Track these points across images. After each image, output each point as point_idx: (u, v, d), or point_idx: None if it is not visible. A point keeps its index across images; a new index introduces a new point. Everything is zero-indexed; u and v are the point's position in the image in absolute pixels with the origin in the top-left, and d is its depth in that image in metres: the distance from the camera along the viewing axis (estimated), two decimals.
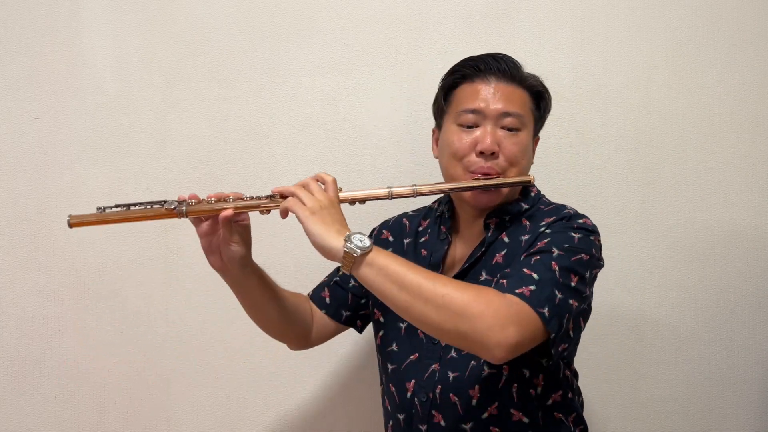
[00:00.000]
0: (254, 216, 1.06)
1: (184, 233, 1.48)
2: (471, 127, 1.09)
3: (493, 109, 1.08)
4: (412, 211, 1.29)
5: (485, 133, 1.07)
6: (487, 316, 0.90)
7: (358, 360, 1.51)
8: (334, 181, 1.02)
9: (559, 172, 1.47)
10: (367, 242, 0.93)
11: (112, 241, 1.48)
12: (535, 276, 0.97)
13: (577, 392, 1.17)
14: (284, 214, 1.01)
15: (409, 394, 1.12)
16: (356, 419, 1.52)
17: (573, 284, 0.99)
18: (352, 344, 1.49)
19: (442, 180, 1.15)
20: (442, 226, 1.18)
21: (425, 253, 1.18)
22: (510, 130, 1.09)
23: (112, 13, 1.46)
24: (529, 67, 1.13)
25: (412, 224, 1.24)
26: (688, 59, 1.48)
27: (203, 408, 1.51)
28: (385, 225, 1.29)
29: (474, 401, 1.06)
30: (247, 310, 1.15)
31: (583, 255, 1.02)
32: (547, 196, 1.18)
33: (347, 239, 0.93)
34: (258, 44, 1.48)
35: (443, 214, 1.19)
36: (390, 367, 1.16)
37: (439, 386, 1.08)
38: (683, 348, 1.51)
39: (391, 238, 1.25)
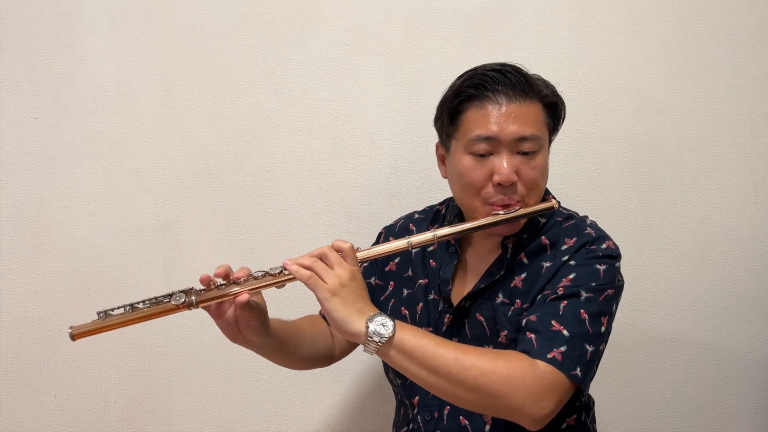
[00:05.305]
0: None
1: (184, 233, 1.48)
2: (484, 155, 1.01)
3: (508, 134, 0.99)
4: (418, 213, 1.24)
5: (502, 164, 0.99)
6: (520, 393, 0.89)
7: (361, 358, 1.50)
8: (353, 248, 0.95)
9: (559, 172, 1.46)
10: (390, 326, 0.90)
11: (112, 241, 1.48)
12: (565, 333, 0.94)
13: (587, 408, 1.14)
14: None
15: (411, 413, 1.10)
16: (359, 418, 1.52)
17: (602, 329, 0.97)
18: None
19: (446, 179, 1.11)
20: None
21: (434, 264, 1.14)
22: (527, 153, 1.01)
23: (112, 13, 1.46)
24: (529, 67, 1.12)
25: (420, 231, 1.18)
26: (688, 59, 1.48)
27: (203, 408, 1.51)
28: (391, 231, 1.24)
29: (487, 427, 1.03)
30: (275, 362, 1.13)
31: (609, 291, 0.99)
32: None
33: (369, 322, 0.90)
34: (258, 44, 1.48)
35: (452, 225, 1.13)
36: (398, 381, 1.13)
37: (448, 407, 1.05)
38: (683, 348, 1.51)
39: None
